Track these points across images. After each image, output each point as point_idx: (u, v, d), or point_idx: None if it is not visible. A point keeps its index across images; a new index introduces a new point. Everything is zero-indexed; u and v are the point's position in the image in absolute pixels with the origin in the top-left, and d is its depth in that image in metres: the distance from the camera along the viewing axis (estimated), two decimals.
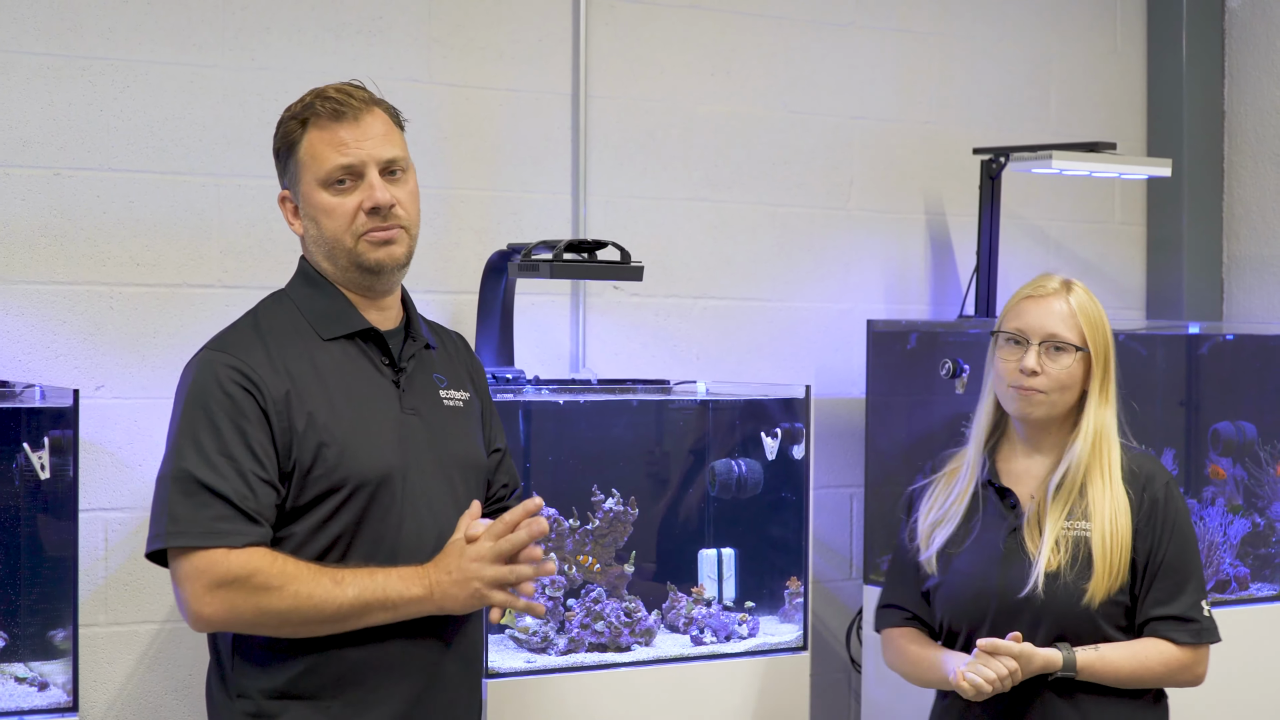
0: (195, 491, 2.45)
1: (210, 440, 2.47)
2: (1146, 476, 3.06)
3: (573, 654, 3.69)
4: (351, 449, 2.52)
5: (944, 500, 3.16)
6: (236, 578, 2.43)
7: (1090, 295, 3.11)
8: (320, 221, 2.60)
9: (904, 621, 3.20)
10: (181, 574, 2.46)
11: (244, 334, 2.60)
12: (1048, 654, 2.96)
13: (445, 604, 2.51)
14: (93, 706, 3.71)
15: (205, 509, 2.44)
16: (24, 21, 3.66)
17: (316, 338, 2.60)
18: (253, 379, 2.50)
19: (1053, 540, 3.00)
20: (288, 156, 2.63)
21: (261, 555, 2.44)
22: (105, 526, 3.71)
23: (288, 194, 2.66)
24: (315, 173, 2.59)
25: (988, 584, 3.04)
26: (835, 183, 4.71)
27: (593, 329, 4.31)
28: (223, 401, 2.49)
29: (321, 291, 2.64)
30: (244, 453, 2.46)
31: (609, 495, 3.90)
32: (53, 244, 3.69)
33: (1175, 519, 3.04)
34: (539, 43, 4.25)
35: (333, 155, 2.58)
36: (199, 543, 2.43)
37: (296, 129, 2.61)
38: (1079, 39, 5.14)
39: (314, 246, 2.64)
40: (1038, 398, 3.05)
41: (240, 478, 2.45)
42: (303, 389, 2.53)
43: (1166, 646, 3.00)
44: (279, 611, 2.44)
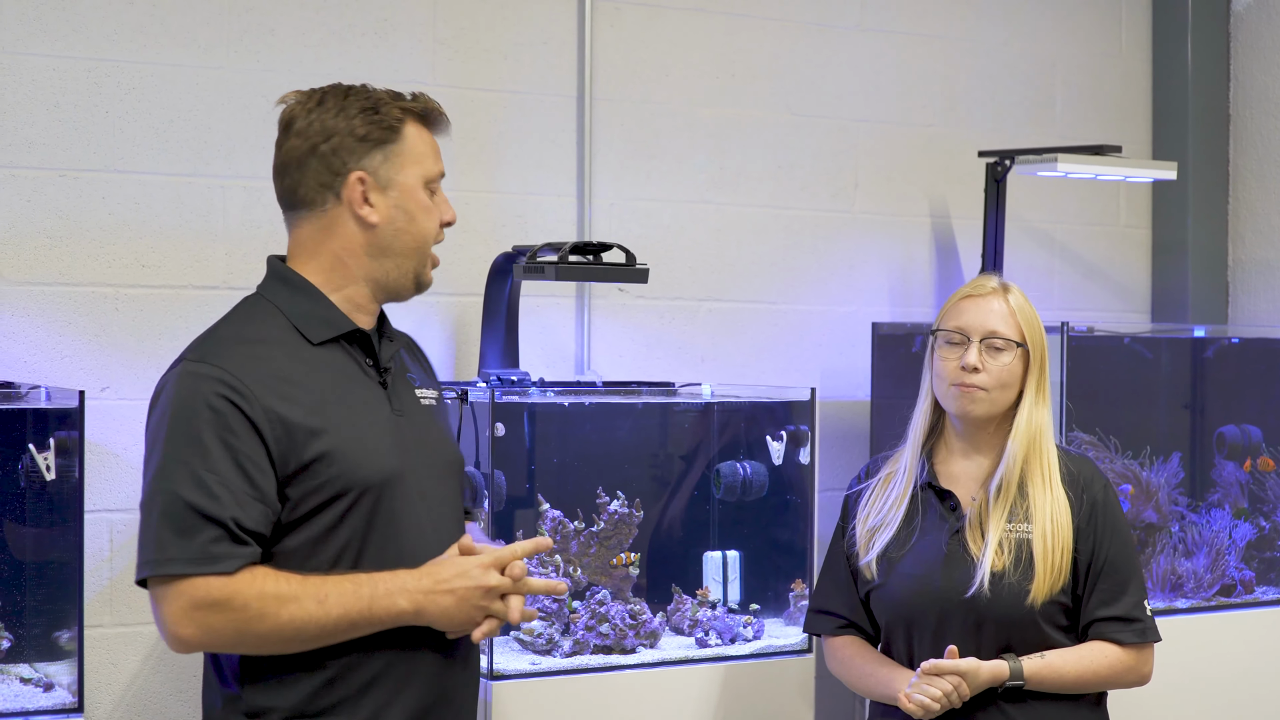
0: (183, 515, 2.34)
1: (197, 459, 2.35)
2: (1085, 478, 3.08)
3: (578, 656, 3.69)
4: (352, 454, 2.44)
5: (882, 504, 3.16)
6: (216, 601, 2.34)
7: (1025, 298, 3.15)
8: (417, 218, 2.53)
9: (839, 630, 3.21)
10: (160, 596, 2.36)
11: (224, 342, 2.48)
12: (994, 667, 2.97)
13: (436, 617, 2.42)
14: (98, 707, 3.71)
15: (194, 534, 2.33)
16: (29, 23, 3.66)
17: (304, 342, 2.50)
18: (239, 389, 2.38)
19: (996, 542, 3.00)
20: (385, 141, 2.52)
21: (245, 578, 2.35)
22: (110, 528, 3.71)
23: (368, 177, 2.51)
24: (426, 169, 2.54)
25: (931, 586, 3.05)
26: (840, 185, 4.71)
27: (598, 331, 4.31)
28: (208, 417, 2.37)
29: (304, 294, 2.53)
30: (232, 470, 2.36)
31: (614, 497, 3.90)
32: (58, 245, 3.69)
33: (1114, 520, 3.07)
34: (544, 45, 4.25)
35: (435, 160, 2.56)
36: (189, 570, 2.33)
37: (401, 116, 2.53)
38: (1084, 42, 5.14)
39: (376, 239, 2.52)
40: (979, 395, 3.06)
41: (231, 498, 2.35)
42: (294, 395, 2.43)
43: (1111, 649, 3.02)
44: (259, 634, 2.36)
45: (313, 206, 2.55)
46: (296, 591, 2.37)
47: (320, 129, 2.51)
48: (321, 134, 2.51)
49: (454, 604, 2.42)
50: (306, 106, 2.55)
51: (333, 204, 2.53)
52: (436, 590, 2.42)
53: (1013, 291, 3.14)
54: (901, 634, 3.10)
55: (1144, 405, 4.69)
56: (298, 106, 2.56)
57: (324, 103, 2.53)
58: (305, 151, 2.53)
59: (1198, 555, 4.46)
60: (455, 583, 2.43)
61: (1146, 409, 4.73)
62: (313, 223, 2.56)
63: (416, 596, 2.41)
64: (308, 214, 2.56)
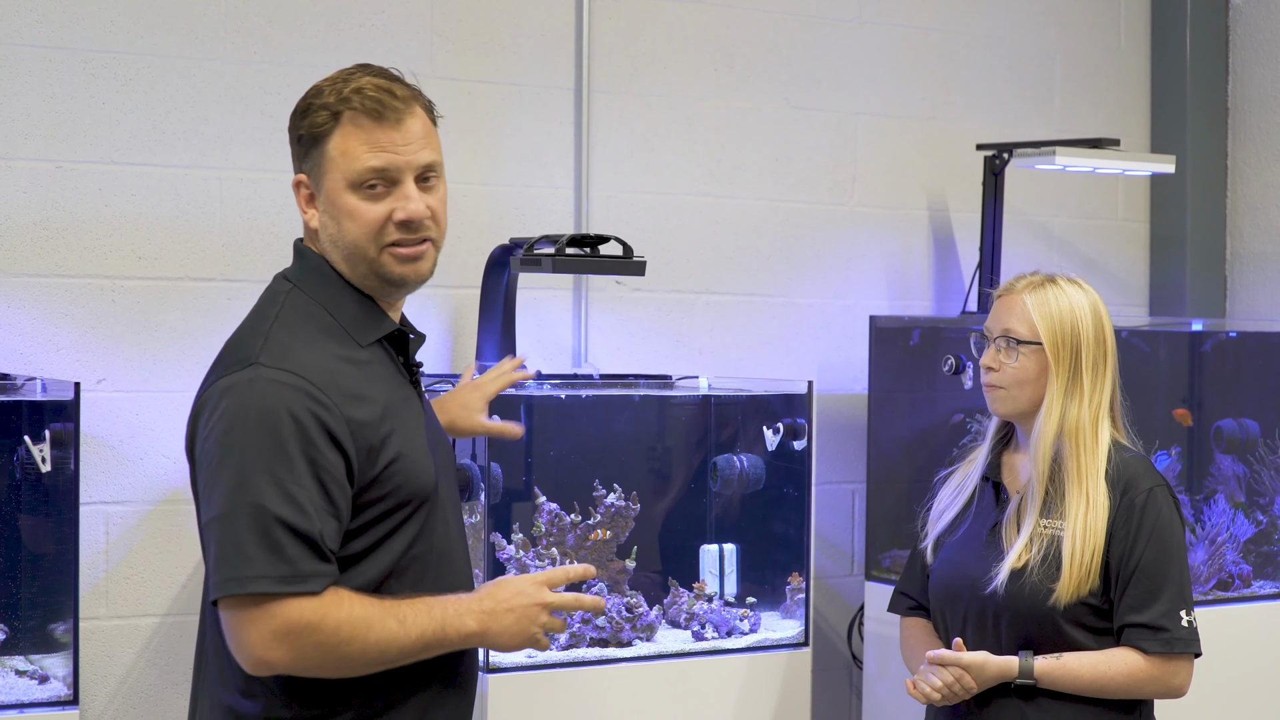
0: (272, 530, 2.22)
1: (284, 471, 2.23)
2: (1129, 480, 3.01)
3: (574, 649, 3.69)
4: (411, 463, 2.37)
5: (953, 490, 3.18)
6: (309, 625, 2.23)
7: (1067, 291, 3.06)
8: (342, 224, 2.38)
9: (909, 610, 3.23)
10: (244, 617, 2.23)
11: (292, 345, 2.34)
12: (1003, 663, 2.96)
13: (498, 635, 2.40)
14: (93, 700, 3.70)
15: (284, 551, 2.22)
16: (25, 14, 3.66)
17: (355, 344, 2.39)
18: (321, 400, 2.27)
19: (1027, 538, 2.99)
20: (312, 146, 2.38)
21: (332, 600, 2.26)
22: (106, 520, 3.71)
23: (305, 179, 2.41)
24: (345, 172, 2.36)
25: (964, 575, 3.05)
26: (838, 178, 4.70)
27: (595, 324, 4.31)
28: (292, 427, 2.25)
29: (346, 293, 2.41)
30: (315, 485, 2.25)
31: (610, 490, 3.89)
32: (54, 237, 3.68)
33: (1155, 525, 2.98)
34: (542, 37, 4.25)
35: (366, 156, 2.35)
36: (279, 589, 2.21)
37: (327, 120, 2.36)
38: (1083, 35, 5.13)
39: (329, 244, 2.41)
40: (998, 393, 3.06)
41: (317, 514, 2.24)
42: (364, 403, 2.32)
43: (1134, 657, 2.95)
44: (346, 656, 2.28)
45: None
46: (380, 614, 2.30)
47: (288, 130, 2.45)
48: (289, 136, 2.45)
49: (514, 622, 2.40)
50: None
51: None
52: (499, 610, 2.39)
53: (1048, 286, 3.05)
54: (941, 619, 3.12)
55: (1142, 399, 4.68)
56: None
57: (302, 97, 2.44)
58: None
59: (1195, 549, 4.45)
60: (515, 601, 2.40)
61: (1144, 403, 4.72)
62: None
63: (482, 617, 2.38)
64: None
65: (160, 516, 3.77)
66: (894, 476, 4.54)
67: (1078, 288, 3.08)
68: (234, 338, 2.41)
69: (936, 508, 3.20)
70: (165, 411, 3.77)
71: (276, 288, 2.45)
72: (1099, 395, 3.04)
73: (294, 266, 2.47)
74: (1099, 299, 3.10)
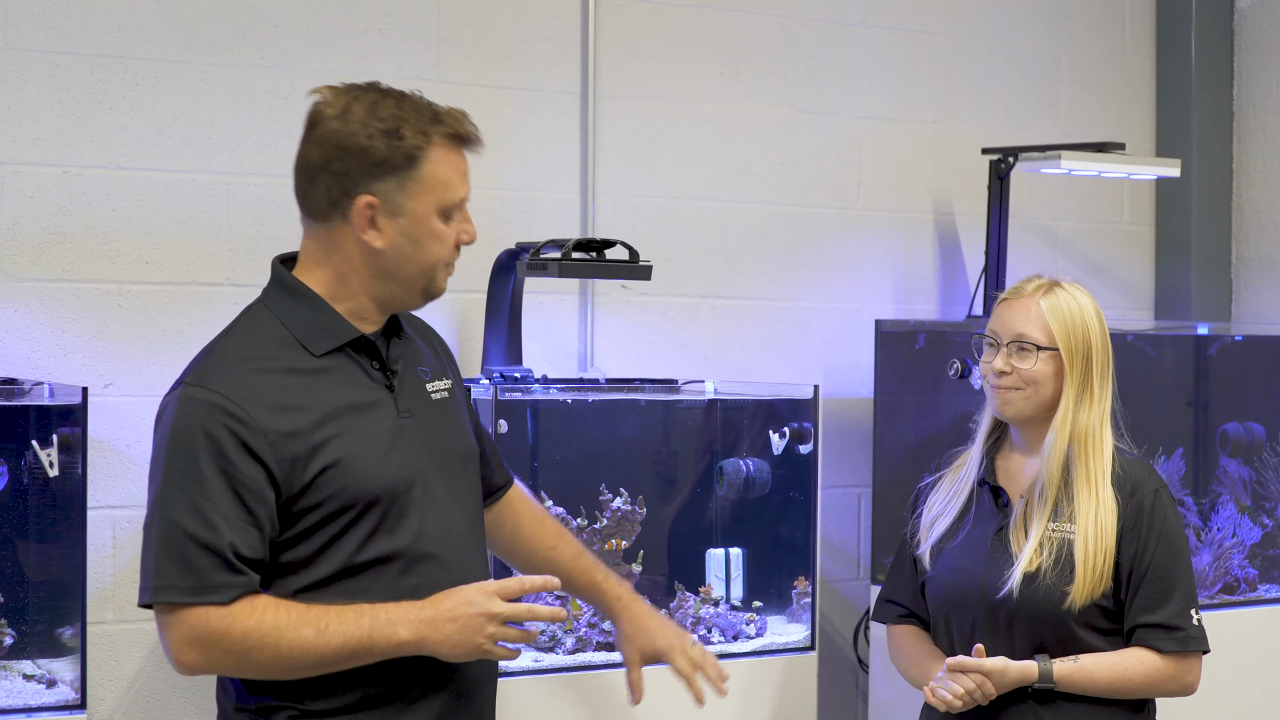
0: (181, 543, 2.34)
1: (194, 487, 2.35)
2: (1135, 483, 3.03)
3: (580, 653, 3.69)
4: (356, 467, 2.42)
5: (945, 497, 3.18)
6: (215, 632, 2.35)
7: (1075, 296, 3.07)
8: (425, 245, 2.44)
9: (899, 618, 3.22)
10: (163, 622, 2.39)
11: (222, 363, 2.43)
12: (1023, 667, 2.96)
13: (439, 645, 2.41)
14: (100, 704, 3.71)
15: (191, 562, 2.34)
16: (32, 19, 3.66)
17: (306, 354, 2.45)
18: (237, 415, 2.35)
19: (1037, 541, 3.00)
20: (403, 168, 2.41)
21: (242, 610, 2.35)
22: (113, 524, 3.71)
23: (377, 202, 2.42)
24: (441, 198, 2.43)
25: (971, 580, 3.05)
26: (843, 182, 4.70)
27: (601, 328, 4.31)
28: (205, 444, 2.35)
29: (305, 303, 2.47)
30: (229, 499, 2.34)
31: (617, 495, 3.90)
32: (61, 242, 3.69)
33: (1163, 526, 3.01)
34: (547, 41, 4.25)
35: (460, 186, 2.45)
36: (185, 599, 2.34)
37: (422, 141, 2.41)
38: (1088, 39, 5.13)
39: (380, 262, 2.45)
40: (1010, 395, 3.06)
41: (227, 526, 2.34)
42: (296, 413, 2.40)
43: (1149, 656, 2.98)
44: (260, 663, 2.38)
45: (319, 219, 2.46)
46: (295, 620, 2.36)
47: (337, 144, 2.41)
48: (337, 151, 2.41)
49: (456, 631, 2.40)
50: (332, 111, 2.43)
51: (339, 222, 2.44)
52: (439, 619, 2.40)
53: (1055, 292, 3.07)
54: (943, 626, 3.12)
55: (1147, 403, 4.69)
56: (325, 108, 2.43)
57: (349, 112, 2.41)
58: (319, 164, 2.43)
59: (1201, 553, 4.46)
60: (458, 610, 2.40)
61: (1150, 406, 4.72)
62: (319, 234, 2.48)
63: (419, 626, 2.39)
64: (315, 224, 2.47)
65: None
66: (900, 480, 4.54)
67: (1081, 292, 3.10)
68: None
69: (928, 515, 3.18)
70: None
71: (249, 306, 2.55)
72: (1104, 399, 3.06)
73: (267, 285, 2.54)
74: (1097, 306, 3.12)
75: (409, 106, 2.44)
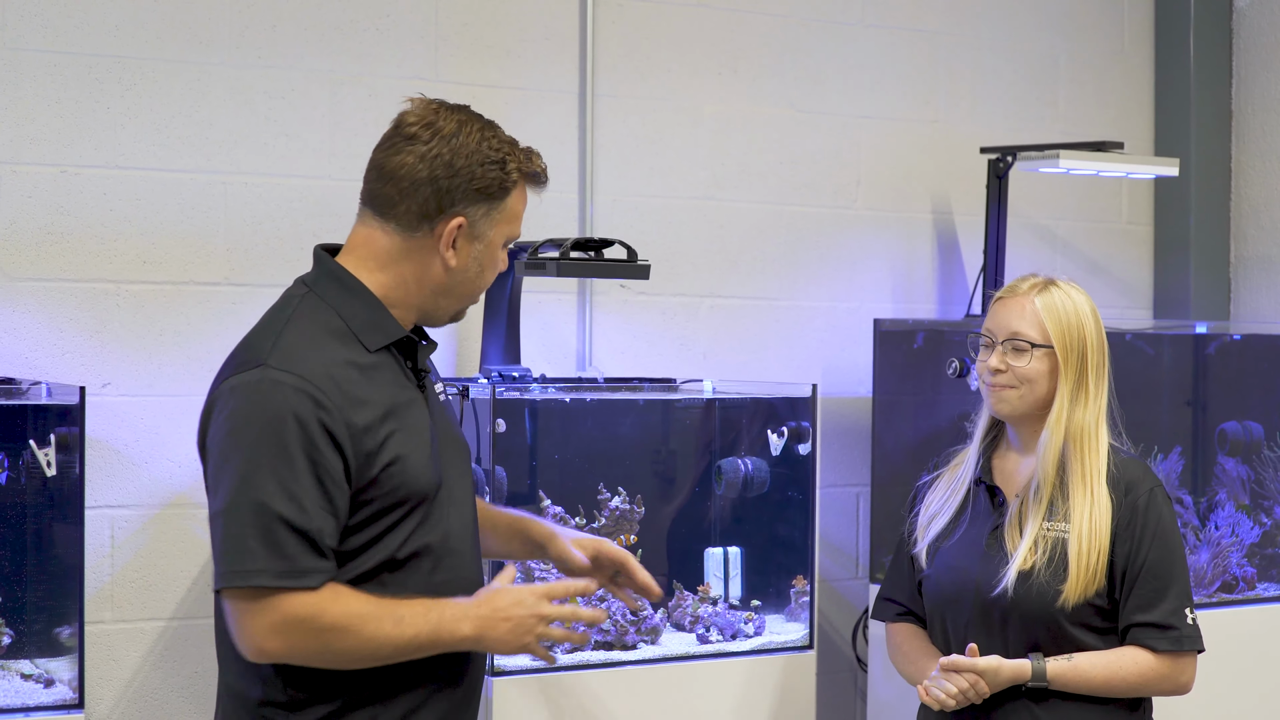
0: (272, 526, 2.33)
1: (285, 470, 2.34)
2: (1130, 482, 3.03)
3: (578, 652, 3.69)
4: (411, 464, 2.46)
5: (943, 495, 3.18)
6: (304, 618, 2.34)
7: (1071, 294, 3.07)
8: (486, 272, 2.56)
9: (897, 617, 3.23)
10: (245, 608, 2.35)
11: (299, 349, 2.42)
12: (1016, 666, 2.97)
13: (493, 643, 2.48)
14: (98, 703, 3.71)
15: (282, 546, 2.33)
16: (30, 19, 3.66)
17: (362, 349, 2.47)
18: (322, 403, 2.36)
19: (1032, 540, 3.00)
20: (494, 197, 2.51)
21: (329, 595, 2.37)
22: (112, 524, 3.71)
23: (466, 224, 2.50)
24: (512, 230, 2.56)
25: (966, 579, 3.05)
26: (842, 182, 4.70)
27: (599, 327, 4.31)
28: (294, 429, 2.35)
29: (360, 298, 2.50)
30: (314, 485, 2.35)
31: (615, 494, 3.90)
32: (59, 241, 3.69)
33: (1157, 525, 3.01)
34: (546, 41, 4.25)
35: (520, 219, 2.58)
36: (278, 583, 2.33)
37: (516, 176, 2.53)
38: (1087, 39, 5.13)
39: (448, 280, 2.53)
40: (1005, 393, 3.06)
41: (316, 512, 2.35)
42: (365, 406, 2.43)
43: (1143, 655, 2.98)
44: (341, 650, 2.38)
45: (404, 227, 2.49)
46: (376, 611, 2.39)
47: (447, 163, 2.47)
48: (446, 169, 2.47)
49: (509, 630, 2.48)
50: (439, 131, 2.49)
51: (424, 234, 2.49)
52: (495, 617, 2.47)
53: (1050, 290, 3.06)
54: (939, 624, 3.12)
55: (1146, 402, 4.69)
56: (424, 126, 2.50)
57: (458, 136, 2.49)
58: (423, 178, 2.47)
59: (1200, 551, 4.46)
60: (512, 610, 2.48)
61: (1148, 405, 4.73)
62: (396, 239, 2.50)
63: (478, 622, 2.46)
64: (395, 229, 2.50)
65: (165, 520, 3.78)
66: (898, 479, 4.54)
67: (1076, 290, 3.09)
68: (247, 338, 2.49)
69: (925, 514, 3.19)
70: (170, 415, 3.77)
71: (293, 291, 2.54)
72: (1100, 397, 3.06)
73: (312, 272, 2.55)
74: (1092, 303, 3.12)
75: (505, 139, 2.55)
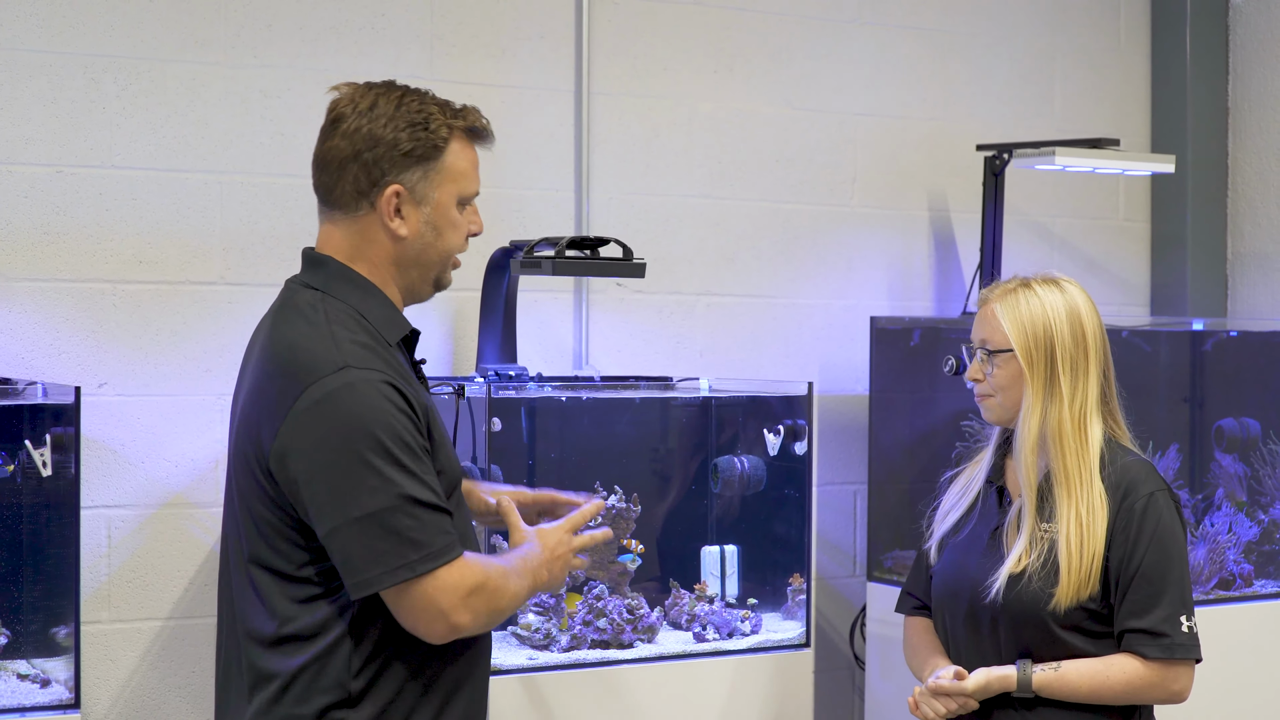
0: (421, 512, 2.41)
1: (410, 460, 2.42)
2: (1130, 484, 2.97)
3: (575, 651, 3.69)
4: (450, 452, 2.59)
5: (958, 492, 3.17)
6: (477, 584, 2.44)
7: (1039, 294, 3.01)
8: (445, 234, 2.56)
9: (914, 610, 3.22)
10: (433, 591, 2.41)
11: (360, 347, 2.48)
12: (1004, 676, 2.95)
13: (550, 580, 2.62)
14: (95, 704, 3.71)
15: (435, 524, 2.42)
16: (25, 18, 3.66)
17: (385, 344, 2.54)
18: (405, 395, 2.46)
19: (1026, 542, 2.97)
20: (427, 157, 2.53)
21: (468, 562, 2.46)
22: (108, 524, 3.71)
23: (403, 190, 2.52)
24: (462, 188, 2.57)
25: (965, 578, 3.04)
26: (838, 179, 4.70)
27: (596, 326, 4.31)
28: (402, 421, 2.43)
29: (373, 297, 2.55)
30: (429, 468, 2.46)
31: (611, 492, 3.90)
32: (55, 241, 3.69)
33: (1155, 530, 2.94)
34: (541, 39, 4.25)
35: (475, 178, 2.59)
36: (449, 558, 2.42)
37: (445, 133, 2.54)
38: (1083, 35, 5.13)
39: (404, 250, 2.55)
40: (987, 402, 3.07)
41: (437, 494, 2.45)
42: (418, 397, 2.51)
43: (1132, 664, 2.93)
44: (500, 609, 2.50)
45: (347, 210, 2.54)
46: (501, 568, 2.51)
47: (366, 136, 2.51)
48: (367, 142, 2.51)
49: (561, 568, 2.62)
50: (358, 107, 2.53)
51: (366, 211, 2.53)
52: (551, 559, 2.60)
53: (1020, 292, 3.02)
54: (940, 620, 3.12)
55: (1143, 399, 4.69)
56: (348, 105, 2.54)
57: (375, 107, 2.52)
58: (348, 156, 2.52)
59: (1197, 547, 4.46)
60: (559, 549, 2.61)
61: (1145, 402, 4.73)
62: (348, 226, 2.55)
63: (547, 566, 2.60)
64: (342, 216, 2.55)
65: (162, 520, 3.78)
66: (895, 477, 4.54)
67: (1054, 289, 3.03)
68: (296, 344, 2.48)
69: (942, 508, 3.19)
70: (167, 415, 3.77)
71: (306, 297, 2.55)
72: (1080, 395, 3.00)
73: (316, 275, 2.57)
74: (1081, 298, 3.03)
75: (430, 101, 2.57)
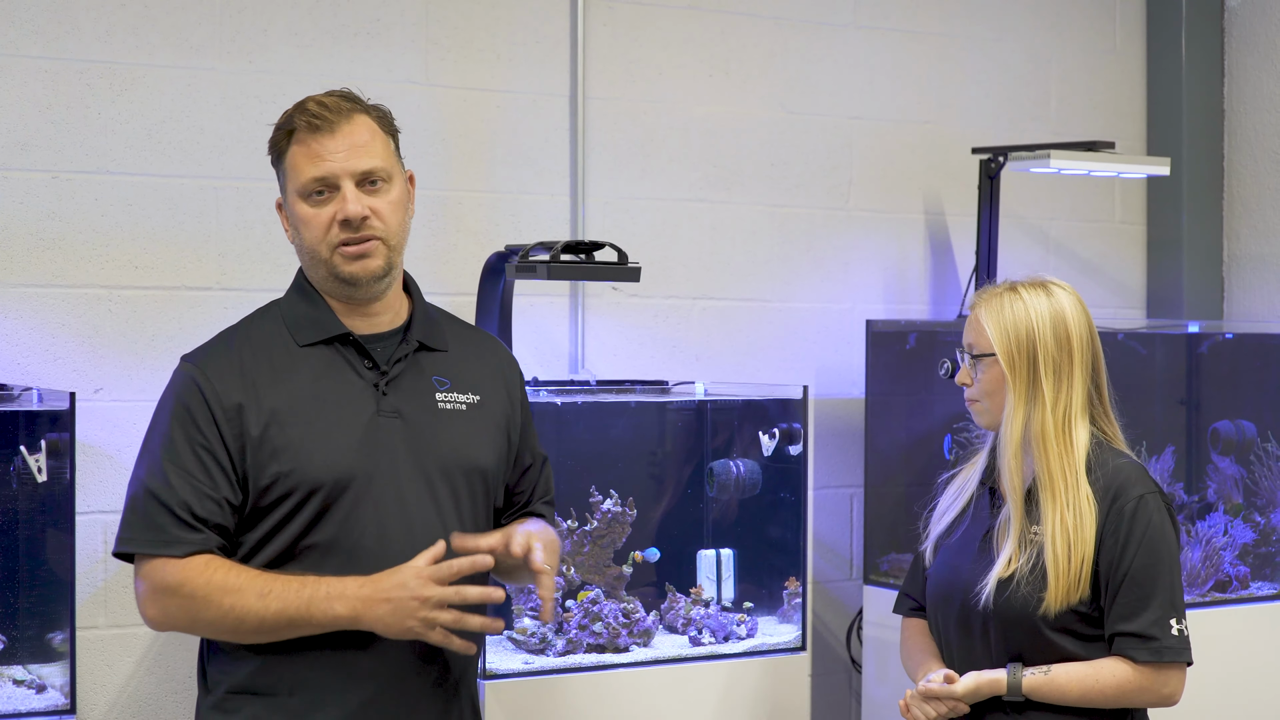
0: (146, 501, 2.55)
1: (164, 450, 2.57)
2: (1119, 487, 2.96)
3: (571, 655, 3.69)
4: (307, 454, 2.56)
5: (953, 493, 3.17)
6: (170, 586, 2.52)
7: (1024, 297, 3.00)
8: (300, 232, 2.65)
9: (910, 611, 3.22)
10: (136, 576, 2.58)
11: (219, 343, 2.68)
12: (994, 680, 2.95)
13: (373, 624, 2.50)
14: (91, 709, 3.71)
15: (152, 518, 2.54)
16: (22, 24, 3.67)
17: (293, 343, 2.65)
18: (203, 388, 2.58)
19: (1015, 545, 2.97)
20: (277, 166, 2.68)
21: (195, 565, 2.53)
22: (104, 529, 3.71)
23: (280, 199, 2.71)
24: (295, 184, 2.63)
25: (957, 580, 3.04)
26: (834, 183, 4.71)
27: (591, 330, 4.32)
28: (179, 412, 2.58)
29: (306, 299, 2.69)
30: (192, 462, 2.55)
31: (607, 496, 3.90)
32: (51, 247, 3.69)
33: (1145, 533, 2.93)
34: (537, 44, 4.26)
35: (308, 167, 2.61)
36: (144, 550, 2.55)
37: (283, 140, 2.65)
38: (1078, 38, 5.13)
39: (300, 255, 2.70)
40: (975, 407, 3.08)
41: (185, 486, 2.54)
42: (262, 396, 2.58)
43: (1122, 667, 2.92)
44: (208, 621, 2.53)
45: None
46: (242, 584, 2.51)
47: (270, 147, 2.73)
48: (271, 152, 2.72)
49: (389, 612, 2.48)
50: None
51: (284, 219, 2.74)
52: (375, 599, 2.49)
53: (1005, 296, 3.02)
54: (935, 621, 3.12)
55: (1139, 401, 4.69)
56: None
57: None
58: None
59: (1192, 549, 4.46)
60: (393, 592, 2.49)
61: (1141, 405, 4.73)
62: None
63: (355, 603, 2.49)
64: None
65: None
66: (892, 480, 4.54)
67: (1040, 292, 3.01)
68: None
69: (938, 510, 3.19)
70: None
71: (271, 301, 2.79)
72: (1065, 399, 2.99)
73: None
74: (1068, 301, 3.01)
75: (295, 107, 2.66)
